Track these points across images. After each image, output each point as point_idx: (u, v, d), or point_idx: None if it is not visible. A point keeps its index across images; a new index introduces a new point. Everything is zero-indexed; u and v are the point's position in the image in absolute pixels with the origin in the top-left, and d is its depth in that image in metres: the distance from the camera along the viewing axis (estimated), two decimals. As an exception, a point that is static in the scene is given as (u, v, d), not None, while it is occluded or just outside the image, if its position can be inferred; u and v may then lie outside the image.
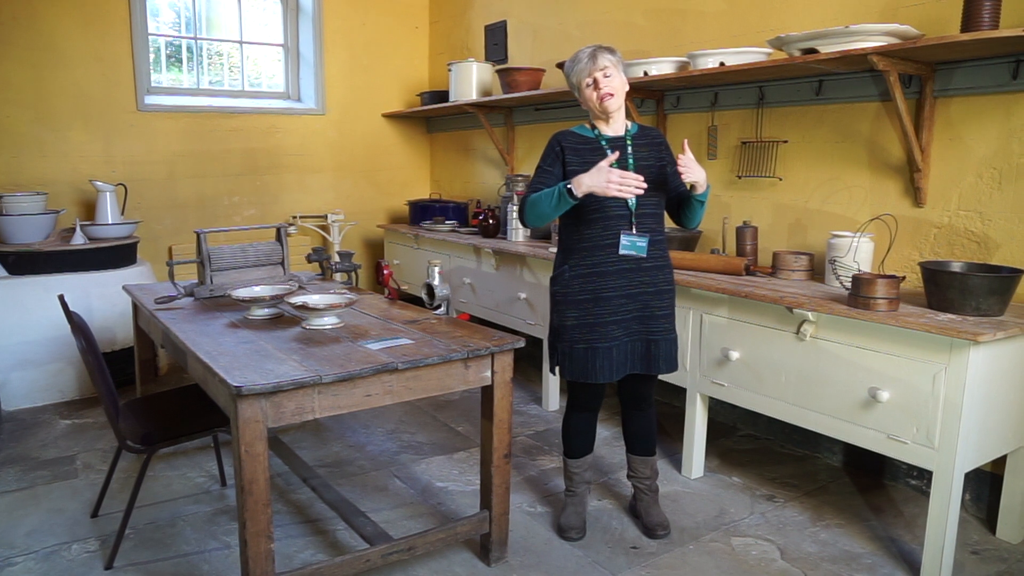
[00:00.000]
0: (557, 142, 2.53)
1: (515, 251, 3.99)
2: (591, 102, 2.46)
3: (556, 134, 2.56)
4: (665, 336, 2.53)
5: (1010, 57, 2.61)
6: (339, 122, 5.66)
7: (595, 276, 2.47)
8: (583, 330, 2.48)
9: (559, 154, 2.50)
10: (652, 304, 2.51)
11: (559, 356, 2.55)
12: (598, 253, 2.46)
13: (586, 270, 2.47)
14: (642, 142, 2.55)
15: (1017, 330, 2.27)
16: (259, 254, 3.26)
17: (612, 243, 2.45)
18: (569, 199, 2.32)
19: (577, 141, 2.51)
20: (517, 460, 3.32)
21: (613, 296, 2.47)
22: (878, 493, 3.03)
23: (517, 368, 4.40)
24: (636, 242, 2.45)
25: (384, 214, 5.96)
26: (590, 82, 2.43)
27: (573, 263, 2.50)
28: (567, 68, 2.50)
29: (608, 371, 2.48)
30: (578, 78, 2.46)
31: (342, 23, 5.56)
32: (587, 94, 2.46)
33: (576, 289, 2.48)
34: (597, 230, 2.45)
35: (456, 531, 2.41)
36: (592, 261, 2.47)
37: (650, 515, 2.71)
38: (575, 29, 4.50)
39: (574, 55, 2.47)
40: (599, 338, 2.47)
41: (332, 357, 2.14)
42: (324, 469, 3.20)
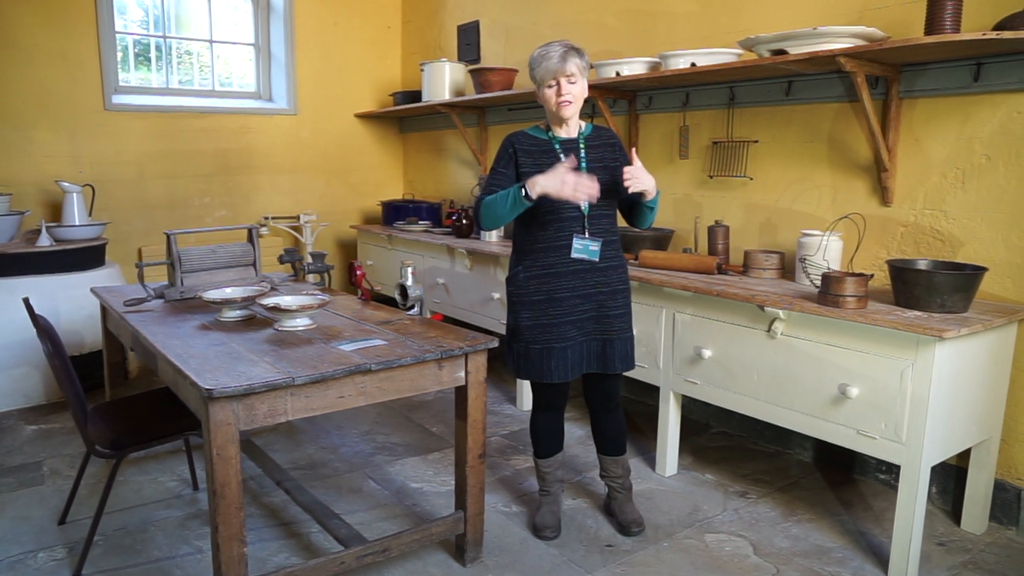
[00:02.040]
0: (510, 144, 2.52)
1: (488, 251, 3.99)
2: (548, 103, 2.45)
3: (509, 136, 2.56)
4: (620, 335, 2.54)
5: (971, 60, 2.66)
6: (311, 122, 5.62)
7: (549, 277, 2.47)
8: (538, 330, 2.49)
9: (512, 156, 2.50)
10: (607, 304, 2.52)
11: (514, 356, 2.57)
12: (552, 255, 2.47)
13: (540, 271, 2.48)
14: (596, 143, 2.55)
15: (980, 326, 2.32)
16: (230, 255, 3.22)
17: (566, 244, 2.46)
18: (524, 201, 2.31)
19: (530, 143, 2.51)
20: (491, 460, 3.32)
21: (568, 296, 2.47)
22: (848, 488, 3.07)
23: (491, 368, 4.40)
24: (588, 246, 2.46)
25: (357, 215, 5.93)
26: (553, 83, 2.41)
27: (527, 264, 2.51)
28: (533, 59, 2.44)
29: (563, 371, 2.49)
30: (542, 76, 2.42)
31: (314, 22, 5.52)
32: (546, 94, 2.44)
33: (531, 290, 2.49)
34: (551, 232, 2.46)
35: (431, 532, 2.40)
36: (546, 262, 2.47)
37: (624, 512, 2.72)
38: (548, 29, 4.51)
39: (544, 49, 2.42)
40: (555, 339, 2.48)
41: (305, 359, 2.12)
42: (298, 471, 3.18)
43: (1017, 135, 2.61)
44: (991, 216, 2.69)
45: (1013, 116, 2.62)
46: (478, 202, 2.45)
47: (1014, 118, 2.62)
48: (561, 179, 2.25)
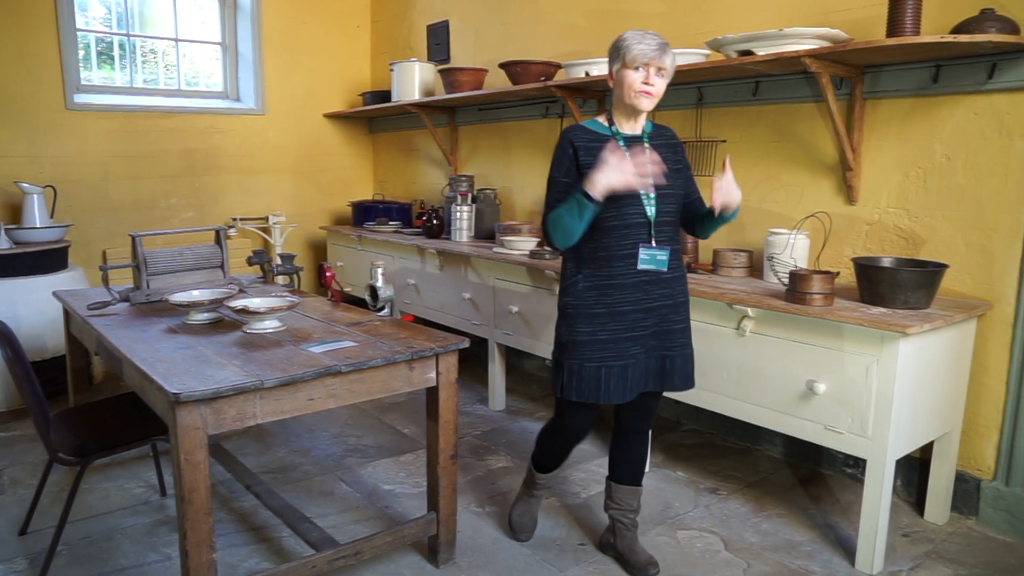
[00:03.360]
0: (568, 142, 2.24)
1: (459, 251, 3.99)
2: (628, 87, 2.17)
3: (567, 131, 2.27)
4: (681, 351, 2.34)
5: (930, 62, 2.72)
6: (280, 122, 5.57)
7: (611, 288, 2.24)
8: (596, 347, 2.25)
9: (572, 157, 2.23)
10: (670, 317, 2.30)
11: (565, 373, 2.29)
12: (615, 263, 2.23)
13: (602, 281, 2.24)
14: (659, 143, 2.33)
15: (942, 322, 2.37)
16: (198, 257, 3.18)
17: (631, 253, 2.22)
18: (589, 205, 2.08)
19: (590, 138, 2.24)
20: (464, 461, 3.32)
21: (630, 310, 2.24)
22: (816, 482, 3.12)
23: (462, 368, 4.39)
24: (656, 255, 2.23)
25: (327, 215, 5.89)
26: (641, 68, 2.15)
27: (588, 273, 2.26)
28: (626, 38, 2.17)
29: (621, 391, 2.26)
30: (633, 56, 2.14)
31: (282, 21, 5.46)
32: (630, 77, 2.16)
33: (590, 302, 2.25)
34: (615, 238, 2.21)
35: (403, 534, 2.39)
36: (609, 272, 2.24)
37: (636, 553, 2.47)
38: (517, 29, 4.52)
39: (639, 33, 2.17)
40: (613, 356, 2.25)
41: (274, 361, 2.10)
42: (268, 475, 3.14)
43: (974, 135, 2.67)
44: (951, 214, 2.75)
45: (970, 117, 2.68)
46: (544, 220, 2.22)
47: (971, 119, 2.67)
48: (619, 168, 2.05)
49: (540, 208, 4.46)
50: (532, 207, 4.55)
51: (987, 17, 2.44)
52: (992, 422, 2.71)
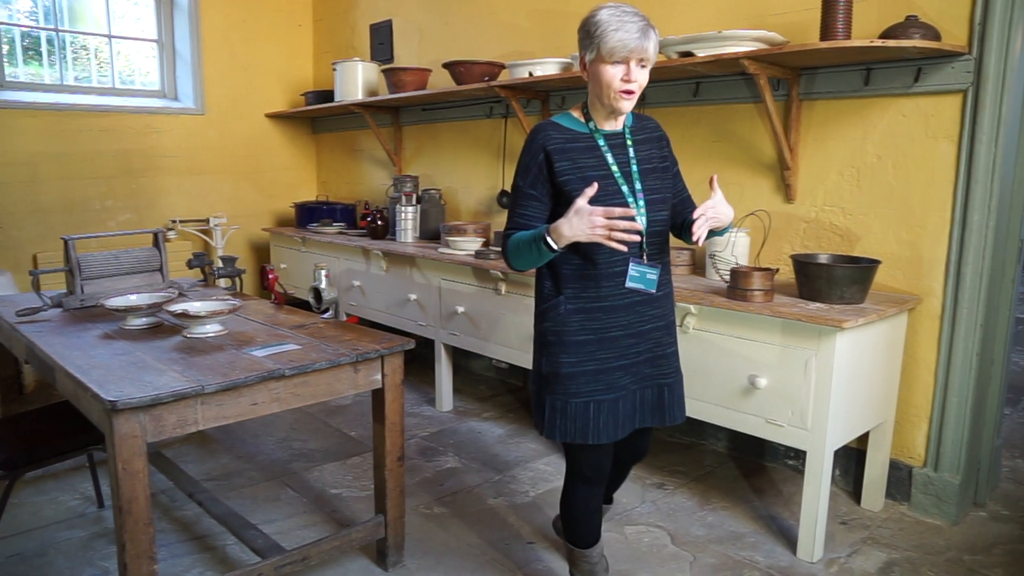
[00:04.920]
0: (540, 147, 1.92)
1: (404, 252, 3.96)
2: (607, 86, 1.87)
3: (537, 131, 1.94)
4: (677, 377, 2.11)
5: (862, 65, 2.81)
6: (220, 122, 5.44)
7: (599, 312, 1.95)
8: (583, 379, 1.97)
9: (543, 165, 1.91)
10: (664, 340, 2.06)
11: (547, 411, 2.00)
12: (604, 283, 1.94)
13: (588, 303, 1.95)
14: (641, 136, 2.05)
15: (875, 316, 2.46)
16: (135, 261, 3.09)
17: (621, 272, 1.95)
18: (549, 252, 1.85)
19: (565, 138, 1.94)
20: (412, 462, 3.30)
21: (620, 336, 1.97)
22: (760, 475, 3.19)
23: (409, 370, 4.36)
24: (646, 273, 1.96)
25: (270, 217, 5.78)
26: (621, 65, 1.85)
27: (571, 294, 1.96)
28: (599, 22, 1.83)
29: (612, 429, 1.99)
30: (610, 48, 1.82)
31: (221, 19, 5.34)
32: (608, 73, 1.85)
33: (575, 327, 1.96)
34: (603, 254, 1.92)
35: (351, 538, 2.37)
36: (597, 292, 1.95)
37: None
38: (461, 29, 4.51)
39: (615, 11, 1.84)
40: (603, 388, 1.97)
41: (215, 366, 2.06)
42: (212, 482, 3.07)
43: (903, 136, 2.78)
44: (883, 212, 2.85)
45: (899, 119, 2.78)
46: (504, 240, 1.95)
47: (900, 120, 2.78)
48: (589, 223, 1.76)
49: (485, 208, 4.46)
50: (477, 207, 4.55)
51: (911, 24, 2.54)
52: (923, 412, 2.82)
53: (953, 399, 2.72)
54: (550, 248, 1.83)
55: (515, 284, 3.39)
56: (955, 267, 2.67)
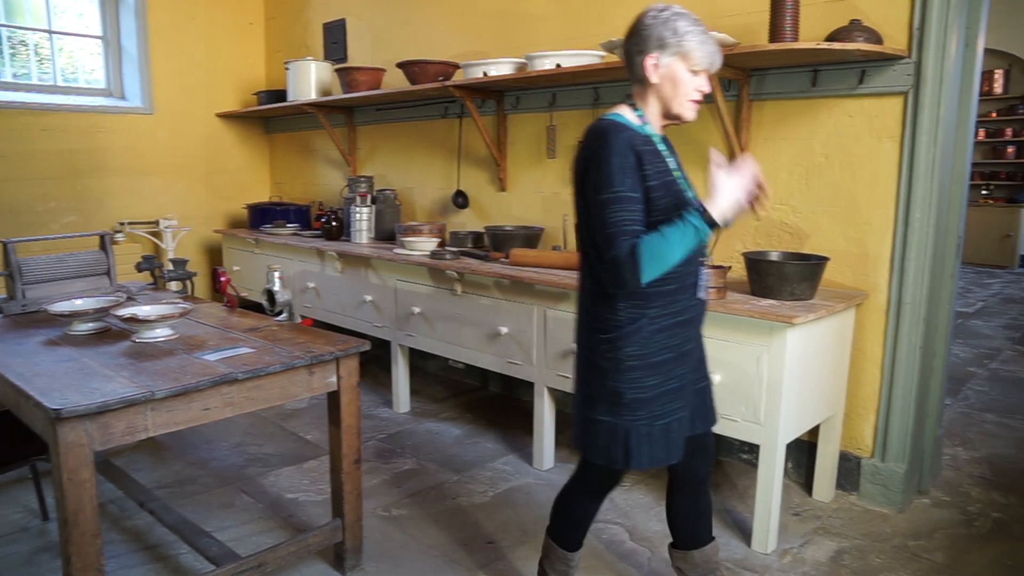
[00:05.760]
0: (629, 148, 1.73)
1: (359, 253, 3.93)
2: (680, 93, 1.80)
3: (616, 130, 1.76)
4: (710, 376, 2.07)
5: (809, 67, 2.88)
6: (170, 122, 5.33)
7: (678, 327, 1.85)
8: (666, 399, 1.85)
9: (635, 167, 1.73)
10: (702, 342, 2.01)
11: (632, 439, 1.84)
12: (682, 296, 1.84)
13: (669, 319, 1.83)
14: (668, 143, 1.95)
15: (825, 312, 2.52)
16: (81, 264, 3.01)
17: (694, 281, 1.88)
18: (706, 234, 1.73)
19: (643, 142, 1.78)
20: (369, 465, 3.27)
21: (691, 348, 1.91)
22: (715, 469, 3.24)
23: (365, 371, 4.34)
24: (706, 280, 1.94)
25: (222, 218, 5.68)
26: (701, 76, 1.81)
27: (654, 313, 1.81)
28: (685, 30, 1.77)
29: (682, 444, 1.93)
30: (699, 59, 1.77)
31: (169, 16, 5.23)
32: (687, 81, 1.79)
33: (657, 347, 1.83)
34: (683, 264, 1.78)
35: (308, 543, 2.34)
36: (678, 307, 1.84)
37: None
38: (415, 29, 4.49)
39: (696, 24, 1.79)
40: (682, 405, 1.90)
41: (166, 371, 2.02)
42: (164, 490, 3.01)
43: (848, 136, 2.85)
44: (831, 210, 2.92)
45: (844, 119, 2.85)
46: (633, 250, 1.68)
47: (845, 121, 2.85)
48: (743, 185, 1.74)
49: (440, 208, 4.45)
50: (432, 207, 4.54)
51: (855, 27, 2.61)
52: (870, 404, 2.90)
53: (898, 391, 2.80)
54: (711, 229, 1.72)
55: (471, 285, 3.39)
56: (899, 263, 2.75)
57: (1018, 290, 7.97)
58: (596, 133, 1.78)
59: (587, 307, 1.89)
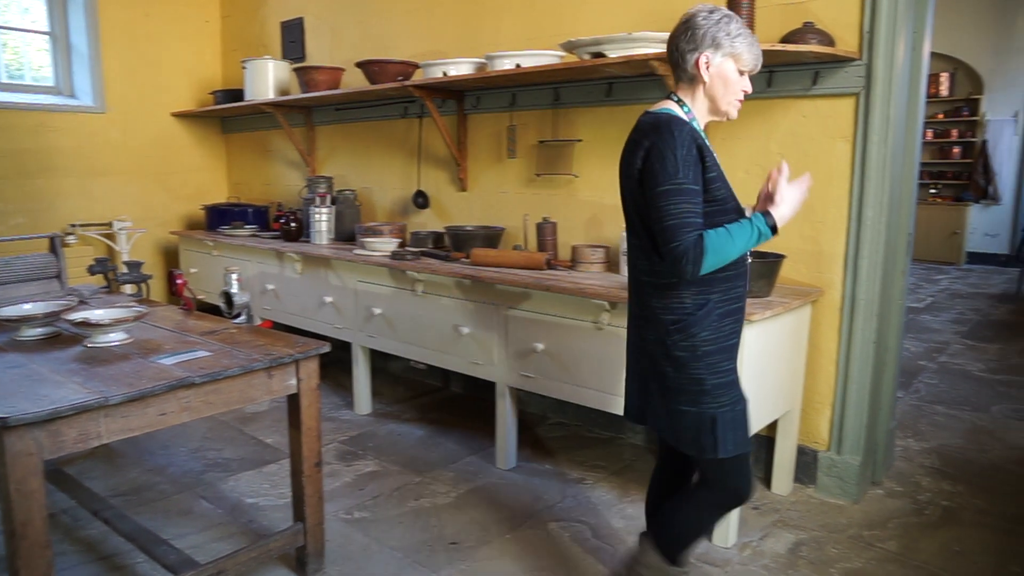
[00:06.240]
0: (692, 141, 1.77)
1: (319, 254, 3.90)
2: (730, 92, 1.87)
3: (678, 123, 1.78)
4: None
5: (765, 68, 2.90)
6: (123, 121, 5.21)
7: (739, 311, 1.91)
8: (738, 383, 1.91)
9: (698, 160, 1.77)
10: None
11: (721, 427, 1.84)
12: (739, 281, 1.90)
13: (732, 304, 1.88)
14: None
15: (782, 308, 2.56)
16: (30, 267, 2.94)
17: (746, 268, 1.96)
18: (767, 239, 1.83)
19: (700, 137, 1.83)
20: (331, 467, 3.24)
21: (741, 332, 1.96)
22: (675, 466, 3.28)
23: (326, 373, 4.30)
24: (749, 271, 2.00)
25: (178, 220, 5.57)
26: (746, 76, 1.88)
27: (718, 298, 1.84)
28: (738, 31, 1.83)
29: None
30: (747, 60, 1.85)
31: (121, 12, 5.11)
32: (736, 81, 1.86)
33: (727, 331, 1.87)
34: None
35: (269, 547, 2.31)
36: (738, 292, 1.90)
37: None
38: (374, 28, 4.46)
39: (741, 26, 1.85)
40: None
41: (120, 376, 1.98)
42: (119, 498, 2.94)
43: (803, 136, 2.90)
44: (786, 209, 2.97)
45: (800, 119, 2.90)
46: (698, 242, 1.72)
47: (800, 121, 2.90)
48: (800, 196, 1.87)
49: (401, 208, 4.43)
50: (393, 207, 4.51)
51: (808, 30, 2.66)
52: (826, 398, 2.96)
53: (853, 386, 2.87)
54: (772, 234, 1.83)
55: (432, 285, 3.38)
56: (852, 260, 2.81)
57: (965, 285, 8.21)
58: (657, 125, 1.79)
59: (647, 301, 1.89)
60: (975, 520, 2.82)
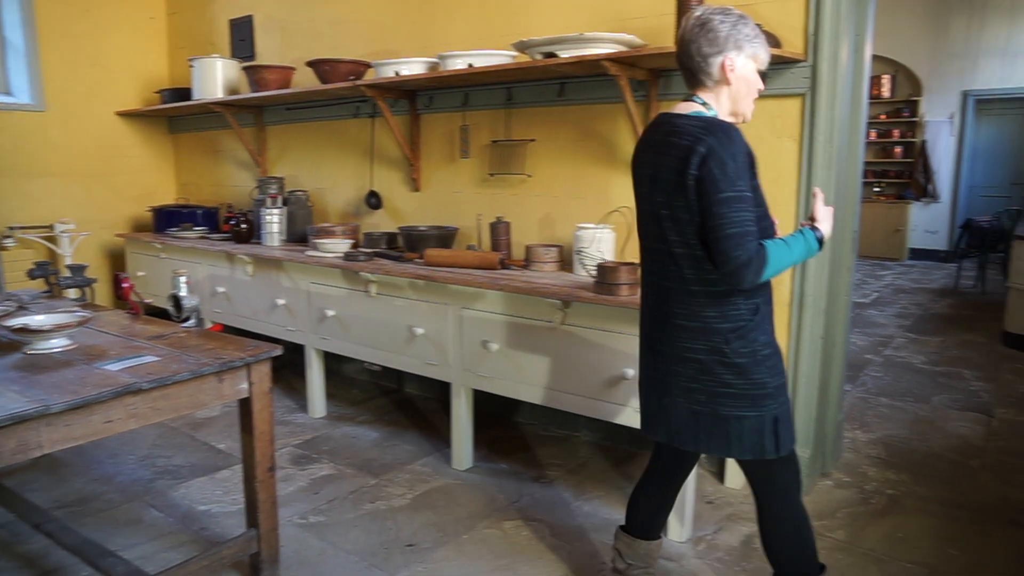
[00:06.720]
0: (746, 148, 1.77)
1: (271, 256, 3.84)
2: (750, 92, 1.88)
3: (734, 129, 1.77)
4: None
5: (714, 67, 2.96)
6: (64, 120, 5.05)
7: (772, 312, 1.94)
8: None
9: (748, 166, 1.77)
10: None
11: (781, 426, 1.85)
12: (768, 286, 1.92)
13: (770, 305, 1.91)
14: None
15: (731, 306, 2.60)
16: (-36, 272, 2.83)
17: None
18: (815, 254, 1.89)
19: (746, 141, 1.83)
20: (285, 472, 3.20)
21: None
22: (632, 462, 3.32)
23: (279, 377, 4.24)
24: None
25: (124, 222, 5.43)
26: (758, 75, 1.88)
27: (762, 300, 1.86)
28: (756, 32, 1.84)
29: None
30: (764, 59, 1.87)
31: (60, 7, 4.95)
32: (754, 83, 1.87)
33: (773, 332, 1.90)
34: None
35: (221, 555, 2.27)
36: (771, 294, 1.92)
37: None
38: (325, 27, 4.41)
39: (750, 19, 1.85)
40: None
41: (62, 383, 1.92)
42: (63, 510, 2.86)
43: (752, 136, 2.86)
44: (736, 207, 3.02)
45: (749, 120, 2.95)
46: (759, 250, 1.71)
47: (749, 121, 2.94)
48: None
49: (353, 209, 4.39)
50: (346, 208, 4.47)
51: (757, 29, 2.70)
52: (776, 393, 3.01)
53: (803, 380, 2.93)
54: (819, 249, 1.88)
55: (386, 286, 3.35)
56: (800, 257, 2.87)
57: (908, 281, 8.47)
58: (711, 129, 1.75)
59: (697, 311, 1.83)
60: (917, 507, 2.91)
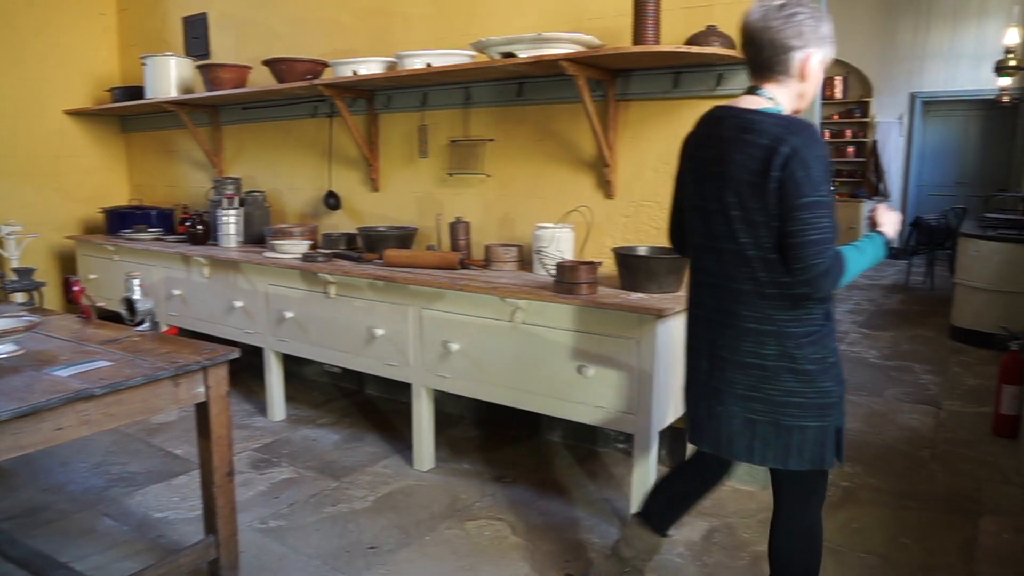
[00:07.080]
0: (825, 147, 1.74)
1: (228, 258, 3.78)
2: (816, 90, 1.84)
3: (819, 133, 1.78)
4: None
5: (671, 69, 3.01)
6: (9, 119, 4.90)
7: None
8: None
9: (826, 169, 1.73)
10: None
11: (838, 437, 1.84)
12: None
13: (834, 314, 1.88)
14: None
15: (690, 303, 2.63)
16: (-96, 277, 2.73)
17: None
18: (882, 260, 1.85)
19: None
20: (244, 476, 3.15)
21: None
22: (593, 460, 3.34)
23: (237, 380, 4.17)
24: None
25: (75, 224, 5.29)
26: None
27: (831, 307, 1.82)
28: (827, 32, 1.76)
29: None
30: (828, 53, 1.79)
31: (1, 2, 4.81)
32: (819, 76, 1.80)
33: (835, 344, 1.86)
34: None
35: (179, 563, 2.22)
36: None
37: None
38: (281, 25, 4.35)
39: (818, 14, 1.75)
40: None
41: (8, 390, 1.86)
42: (10, 522, 2.77)
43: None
44: (693, 206, 3.06)
45: (705, 118, 2.99)
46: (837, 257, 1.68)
47: (706, 120, 2.99)
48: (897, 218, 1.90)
49: (312, 210, 4.35)
50: (304, 209, 4.42)
51: (711, 32, 2.75)
52: (734, 389, 3.06)
53: (759, 376, 2.97)
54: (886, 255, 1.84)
55: (345, 287, 3.32)
56: (756, 255, 2.91)
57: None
58: (793, 129, 1.67)
59: (771, 314, 1.76)
60: (871, 499, 2.98)
